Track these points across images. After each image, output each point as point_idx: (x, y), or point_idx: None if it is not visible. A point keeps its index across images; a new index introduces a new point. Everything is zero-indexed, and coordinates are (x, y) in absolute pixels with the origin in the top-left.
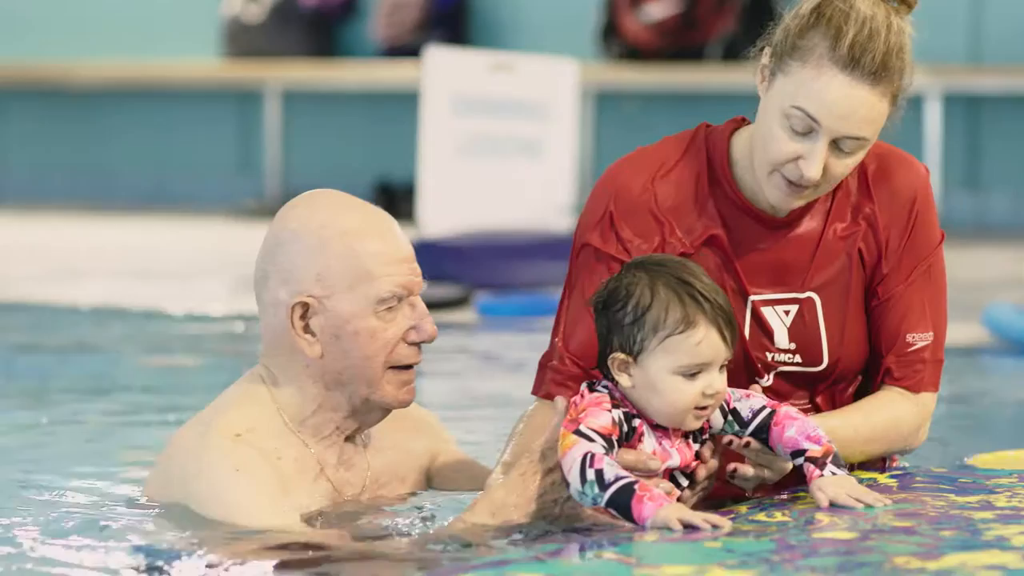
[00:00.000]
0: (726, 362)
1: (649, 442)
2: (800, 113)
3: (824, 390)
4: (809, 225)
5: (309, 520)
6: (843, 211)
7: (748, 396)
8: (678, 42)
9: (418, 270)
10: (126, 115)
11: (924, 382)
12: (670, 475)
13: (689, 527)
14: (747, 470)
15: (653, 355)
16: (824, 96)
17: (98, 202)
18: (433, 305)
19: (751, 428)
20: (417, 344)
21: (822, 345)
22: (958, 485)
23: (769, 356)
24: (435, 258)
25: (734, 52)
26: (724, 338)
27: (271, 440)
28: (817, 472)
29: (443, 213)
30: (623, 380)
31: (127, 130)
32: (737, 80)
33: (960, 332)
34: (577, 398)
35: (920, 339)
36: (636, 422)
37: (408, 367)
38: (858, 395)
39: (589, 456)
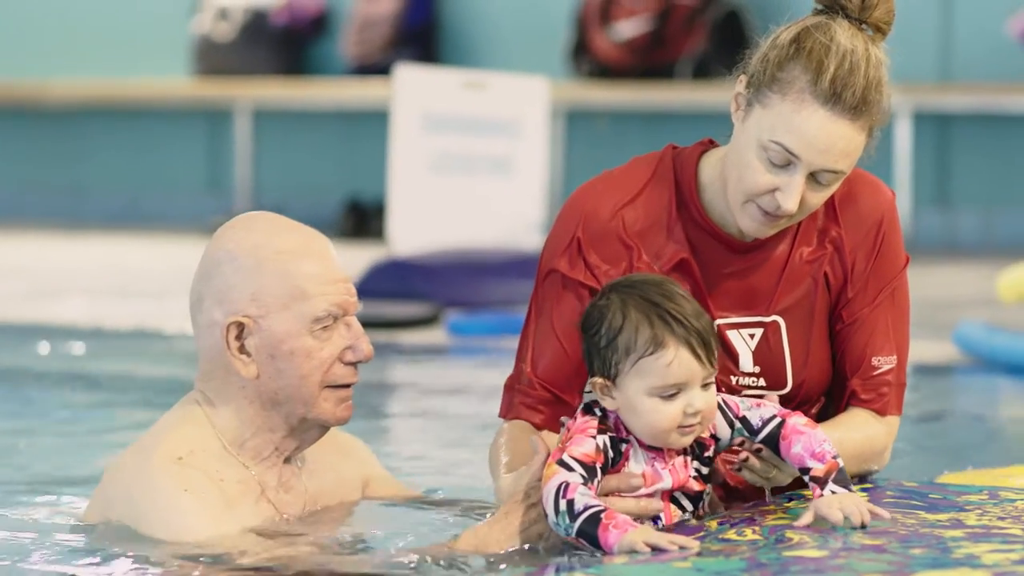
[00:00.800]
0: (708, 380)
1: (636, 466)
2: (778, 147)
3: None
4: (776, 249)
5: (256, 540)
6: (810, 235)
7: (758, 405)
8: (648, 60)
9: (353, 291)
10: (97, 133)
11: (890, 405)
12: (670, 497)
13: (656, 550)
14: (755, 462)
15: (628, 377)
16: (804, 130)
17: (70, 220)
18: (403, 323)
19: (761, 436)
20: (354, 364)
21: (786, 368)
22: (928, 501)
23: (734, 379)
24: (405, 276)
25: (704, 71)
26: (698, 357)
27: (212, 462)
28: (819, 492)
29: (413, 231)
30: (607, 403)
31: (98, 148)
32: (707, 99)
33: (931, 350)
34: (570, 422)
35: (885, 362)
36: (623, 446)
37: (346, 385)
38: (820, 417)
39: (563, 486)
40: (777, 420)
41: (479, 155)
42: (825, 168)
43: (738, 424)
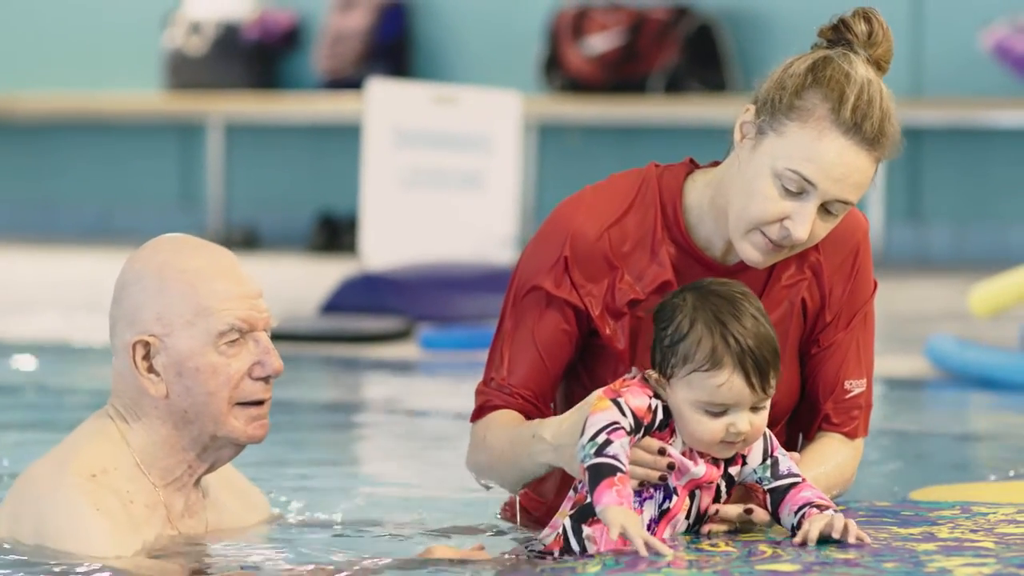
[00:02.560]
0: (759, 404)
1: (677, 444)
2: (795, 175)
3: None
4: (756, 274)
5: (158, 566)
6: (789, 260)
7: (790, 456)
8: (620, 75)
9: (263, 307)
10: (68, 147)
11: (859, 428)
12: (691, 489)
13: (627, 541)
14: (730, 512)
15: (680, 383)
16: (824, 159)
17: (42, 235)
18: (375, 338)
19: (775, 484)
20: (264, 379)
21: None
22: (900, 518)
23: None
24: (377, 290)
25: (676, 85)
26: (751, 384)
27: (124, 482)
28: (816, 512)
29: (385, 245)
30: (660, 394)
31: (69, 162)
32: (679, 113)
33: (902, 364)
34: (628, 376)
35: (856, 385)
36: (672, 420)
37: (258, 403)
38: (780, 439)
39: (613, 426)
40: (799, 479)
41: (451, 169)
42: (838, 198)
43: (770, 460)
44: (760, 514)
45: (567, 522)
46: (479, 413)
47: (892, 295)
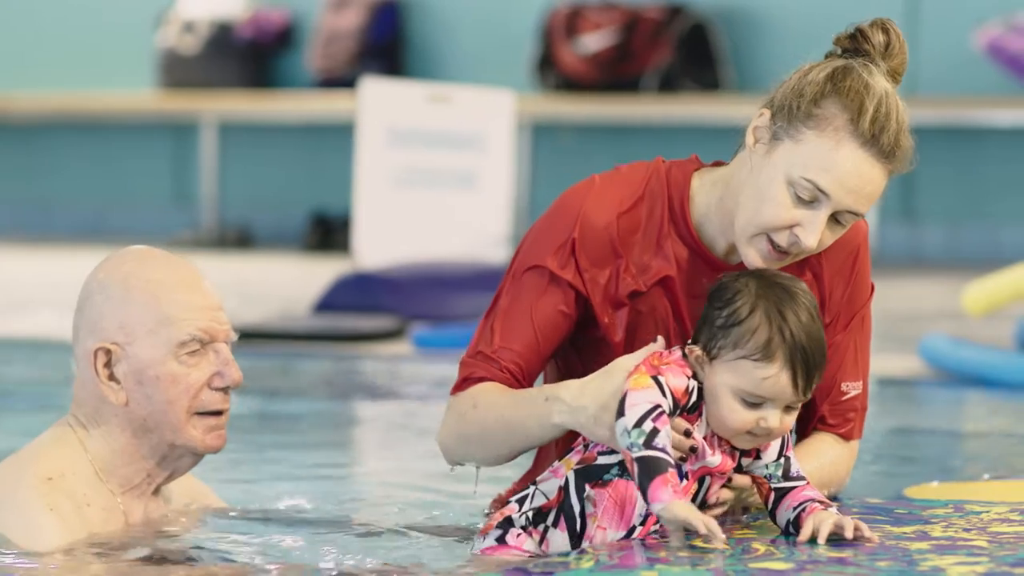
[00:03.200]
0: (794, 404)
1: (701, 428)
2: (809, 184)
3: None
4: None
5: (104, 569)
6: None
7: (798, 458)
8: (614, 74)
9: (224, 319)
10: (62, 147)
11: (855, 430)
12: (701, 476)
13: (689, 531)
14: (726, 494)
15: (723, 366)
16: (840, 169)
17: (36, 234)
18: (368, 337)
19: (783, 484)
20: (223, 390)
21: None
22: (894, 516)
23: None
24: (370, 289)
25: (670, 84)
26: (795, 383)
27: (81, 487)
28: (820, 507)
29: (379, 244)
30: (697, 371)
31: (64, 162)
32: (673, 112)
33: (896, 364)
34: (663, 351)
35: (852, 387)
36: (703, 401)
37: (216, 413)
38: None
39: (658, 410)
40: (804, 482)
41: (444, 168)
42: (850, 209)
43: (783, 459)
44: (740, 480)
45: (571, 475)
46: (464, 384)
47: (886, 294)
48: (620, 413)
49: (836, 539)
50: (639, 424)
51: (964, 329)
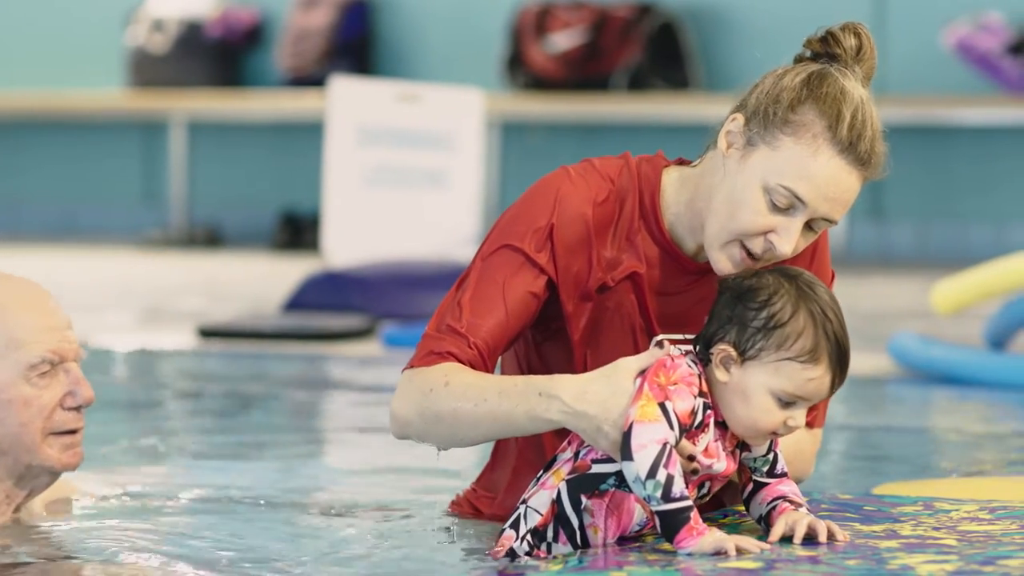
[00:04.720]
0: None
1: (707, 438)
2: (786, 191)
3: None
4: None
5: None
6: None
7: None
8: (583, 72)
9: (73, 339)
10: (31, 146)
11: (818, 418)
12: (702, 482)
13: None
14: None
15: (761, 367)
16: (817, 177)
17: (5, 233)
18: (338, 335)
19: (766, 480)
20: (76, 409)
21: None
22: (863, 513)
23: None
24: (340, 288)
25: (639, 82)
26: (833, 384)
27: None
28: (791, 507)
29: (348, 243)
30: (719, 373)
31: (33, 160)
32: (642, 110)
33: (865, 362)
34: (667, 360)
35: None
36: (707, 413)
37: (71, 432)
38: None
39: (668, 451)
40: (784, 478)
41: (414, 167)
42: (825, 216)
43: (771, 455)
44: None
45: (562, 486)
46: (429, 359)
47: (855, 293)
48: (627, 451)
49: (808, 540)
50: (652, 474)
51: (933, 327)
